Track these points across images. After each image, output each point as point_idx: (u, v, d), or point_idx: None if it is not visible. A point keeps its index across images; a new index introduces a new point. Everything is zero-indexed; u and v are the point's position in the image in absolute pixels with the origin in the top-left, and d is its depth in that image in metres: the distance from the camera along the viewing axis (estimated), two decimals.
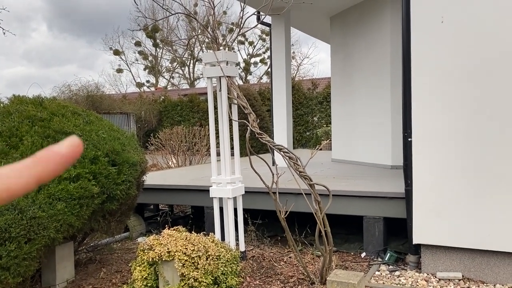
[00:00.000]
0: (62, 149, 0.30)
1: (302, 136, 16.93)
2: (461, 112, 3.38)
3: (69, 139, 0.31)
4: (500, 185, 3.28)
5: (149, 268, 3.10)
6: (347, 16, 7.15)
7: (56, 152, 0.29)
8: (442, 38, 3.42)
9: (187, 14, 4.24)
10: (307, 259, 4.03)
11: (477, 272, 3.43)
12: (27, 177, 0.28)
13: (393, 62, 6.05)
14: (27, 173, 0.28)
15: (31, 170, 0.28)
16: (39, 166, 0.29)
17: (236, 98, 3.75)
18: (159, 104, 18.63)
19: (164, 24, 30.12)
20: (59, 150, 0.30)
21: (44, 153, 0.29)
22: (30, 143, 3.09)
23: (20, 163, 0.29)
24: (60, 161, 0.29)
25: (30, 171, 0.28)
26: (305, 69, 33.39)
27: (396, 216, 4.01)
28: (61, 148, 0.30)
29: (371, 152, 6.66)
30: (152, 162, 9.70)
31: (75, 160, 0.30)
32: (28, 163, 0.29)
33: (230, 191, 3.84)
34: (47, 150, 0.30)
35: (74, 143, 0.31)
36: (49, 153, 0.29)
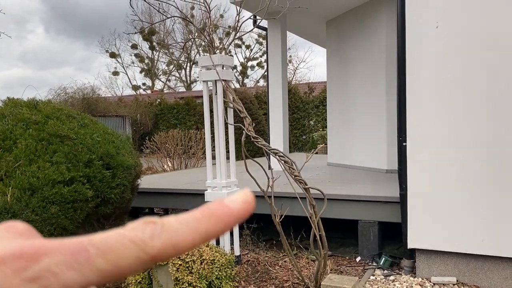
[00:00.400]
0: (236, 205, 0.27)
1: (298, 140, 16.95)
2: (455, 117, 3.39)
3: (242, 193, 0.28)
4: (494, 190, 3.29)
5: (143, 272, 3.08)
6: (343, 21, 7.18)
7: (228, 208, 0.27)
8: (437, 43, 3.44)
9: (184, 18, 4.24)
10: (302, 263, 4.02)
11: (471, 276, 3.44)
12: (195, 233, 0.26)
13: (388, 67, 6.07)
14: (195, 228, 0.26)
15: (201, 225, 0.26)
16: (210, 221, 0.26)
17: (232, 101, 3.75)
18: (155, 107, 18.61)
19: (160, 27, 30.14)
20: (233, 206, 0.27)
21: (214, 206, 0.27)
22: (24, 146, 3.08)
23: (188, 215, 0.26)
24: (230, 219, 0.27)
25: (200, 226, 0.26)
26: (302, 73, 33.53)
27: (391, 220, 4.01)
28: (235, 204, 0.27)
29: (366, 156, 6.67)
30: (148, 166, 9.68)
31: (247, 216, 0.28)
32: (197, 216, 0.26)
33: (225, 195, 3.83)
34: (218, 204, 0.27)
35: (248, 199, 0.28)
36: (222, 208, 0.27)
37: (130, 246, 0.24)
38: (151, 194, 5.23)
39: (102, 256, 0.24)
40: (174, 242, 0.25)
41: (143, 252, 0.24)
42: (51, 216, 2.91)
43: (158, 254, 0.25)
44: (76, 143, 3.32)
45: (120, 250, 0.24)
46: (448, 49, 3.41)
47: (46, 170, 2.99)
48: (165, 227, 0.25)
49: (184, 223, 0.26)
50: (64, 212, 3.00)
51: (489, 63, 3.28)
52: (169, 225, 0.25)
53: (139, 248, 0.24)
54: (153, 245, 0.25)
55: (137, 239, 0.24)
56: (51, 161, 3.08)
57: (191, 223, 0.26)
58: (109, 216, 3.63)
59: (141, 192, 4.84)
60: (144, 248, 0.24)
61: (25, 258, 0.23)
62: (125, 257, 0.24)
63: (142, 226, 0.25)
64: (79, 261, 0.23)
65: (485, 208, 3.32)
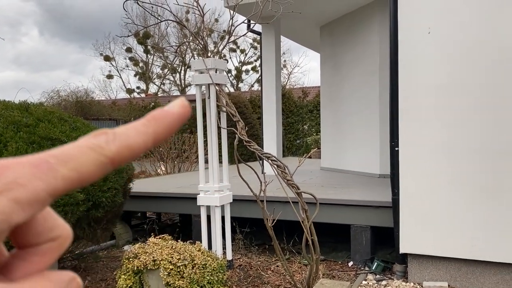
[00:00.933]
0: (175, 109, 0.31)
1: (292, 144, 16.97)
2: (448, 123, 3.41)
3: (179, 100, 0.32)
4: (485, 196, 3.30)
5: (134, 277, 3.06)
6: (336, 26, 7.22)
7: (168, 112, 0.30)
8: (428, 49, 3.46)
9: (178, 22, 4.24)
10: (294, 268, 4.01)
11: (462, 281, 3.45)
12: (144, 134, 0.28)
13: (381, 72, 6.10)
14: (144, 131, 0.29)
15: (147, 128, 0.29)
16: (154, 124, 0.29)
17: (225, 105, 3.74)
18: (149, 110, 18.53)
19: (155, 30, 30.13)
20: (171, 110, 0.30)
21: (156, 113, 0.30)
22: (15, 149, 3.05)
23: (135, 122, 0.29)
24: (173, 120, 0.30)
25: (148, 129, 0.29)
26: (296, 77, 33.60)
27: (384, 225, 4.02)
28: (173, 108, 0.31)
29: (359, 161, 6.69)
30: (141, 169, 9.63)
31: (185, 119, 0.31)
32: (143, 122, 0.29)
33: (217, 199, 3.81)
34: (159, 110, 0.30)
35: (184, 104, 0.31)
36: (162, 113, 0.30)
37: (89, 152, 0.26)
38: (144, 198, 5.20)
39: (63, 164, 0.25)
40: (128, 144, 0.27)
41: (101, 156, 0.26)
42: None
43: (116, 156, 0.27)
44: None
45: (80, 157, 0.25)
46: (440, 55, 3.43)
47: None
48: (117, 134, 0.27)
49: (133, 128, 0.28)
50: None
51: (480, 69, 3.30)
52: (120, 131, 0.28)
53: (97, 153, 0.26)
54: (110, 149, 0.26)
55: (93, 145, 0.26)
56: None
57: (139, 127, 0.28)
58: (101, 220, 3.60)
59: (133, 196, 4.81)
60: (101, 152, 0.26)
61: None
62: (86, 163, 0.25)
63: (94, 136, 0.27)
64: (42, 171, 0.24)
65: (476, 213, 3.33)
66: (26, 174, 0.24)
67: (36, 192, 0.24)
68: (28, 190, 0.24)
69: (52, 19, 48.48)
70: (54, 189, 0.24)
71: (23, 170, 0.24)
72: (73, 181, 0.25)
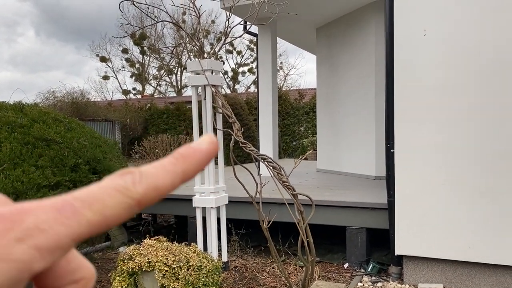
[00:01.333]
0: (203, 146, 0.29)
1: (288, 146, 16.98)
2: (443, 125, 3.42)
3: (206, 136, 0.30)
4: (480, 198, 3.31)
5: (129, 279, 3.04)
6: (332, 28, 7.23)
7: (197, 149, 0.29)
8: (424, 51, 3.47)
9: (174, 23, 4.24)
10: (290, 269, 4.01)
11: (458, 283, 3.45)
12: (172, 173, 0.27)
13: (377, 74, 6.12)
14: (172, 170, 0.27)
15: (177, 167, 0.27)
16: (184, 162, 0.28)
17: (221, 107, 3.74)
18: (145, 111, 18.51)
19: (151, 31, 30.09)
20: (199, 147, 0.29)
21: (184, 150, 0.29)
22: (9, 149, 3.03)
23: (161, 161, 0.28)
24: (201, 157, 0.29)
25: (176, 167, 0.27)
26: (292, 79, 33.64)
27: (379, 227, 4.02)
28: (201, 145, 0.29)
29: (355, 163, 6.70)
30: None
31: (214, 156, 0.30)
32: (171, 160, 0.28)
33: (213, 200, 3.80)
34: (187, 147, 0.29)
35: (213, 140, 0.30)
36: (190, 150, 0.29)
37: (114, 194, 0.25)
38: None
39: (88, 207, 0.24)
40: (155, 185, 0.26)
41: (128, 198, 0.25)
42: None
43: (142, 198, 0.25)
44: (63, 147, 3.28)
45: (105, 200, 0.24)
46: (436, 56, 3.44)
47: (31, 174, 2.94)
48: (144, 173, 0.26)
49: (161, 167, 0.27)
50: None
51: (476, 71, 3.32)
52: (147, 171, 0.27)
53: (123, 195, 0.25)
54: (137, 190, 0.25)
55: (119, 187, 0.25)
56: (36, 165, 3.04)
57: (167, 166, 0.27)
58: None
59: None
60: (128, 194, 0.25)
61: (8, 219, 0.22)
62: (111, 205, 0.24)
63: (120, 176, 0.26)
64: (66, 215, 0.23)
65: (472, 215, 3.34)
66: (48, 219, 0.23)
67: (59, 239, 0.23)
68: (50, 237, 0.22)
69: (49, 20, 48.34)
70: (78, 234, 0.23)
71: (45, 215, 0.23)
72: (98, 225, 0.24)
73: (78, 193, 0.25)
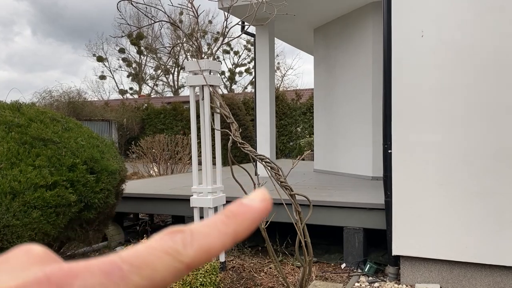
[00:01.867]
0: (255, 204, 0.28)
1: (285, 146, 16.99)
2: (440, 125, 3.44)
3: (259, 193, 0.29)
4: (477, 199, 3.33)
5: None
6: (330, 29, 7.25)
7: (249, 207, 0.27)
8: (422, 52, 3.49)
9: (171, 23, 4.23)
10: (287, 270, 4.01)
11: (455, 283, 3.47)
12: (224, 234, 0.26)
13: (374, 74, 6.14)
14: (224, 231, 0.26)
15: (228, 227, 0.26)
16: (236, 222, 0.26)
17: (219, 107, 3.74)
18: (141, 111, 18.49)
19: (148, 31, 30.03)
20: (252, 205, 0.28)
21: (236, 208, 0.27)
22: (6, 149, 3.02)
23: (212, 219, 0.26)
24: (254, 217, 0.27)
25: (228, 228, 0.26)
26: (290, 79, 33.66)
27: (376, 227, 4.03)
28: (254, 203, 0.28)
29: (352, 163, 6.71)
30: (133, 171, 9.59)
31: (267, 214, 0.28)
32: (223, 219, 0.26)
33: (211, 200, 3.80)
34: (239, 205, 0.27)
35: (266, 197, 0.28)
36: (243, 208, 0.27)
37: (164, 257, 0.24)
38: (136, 199, 5.18)
39: (137, 272, 0.23)
40: (207, 247, 0.25)
41: (178, 262, 0.24)
42: (32, 221, 2.86)
43: (193, 262, 0.24)
44: (60, 147, 3.27)
45: (154, 263, 0.23)
46: (433, 58, 3.46)
47: (28, 174, 2.93)
48: (195, 234, 0.25)
49: (212, 226, 0.26)
50: (46, 216, 2.94)
51: (472, 72, 3.33)
52: (198, 231, 0.25)
53: (173, 258, 0.24)
54: (187, 254, 0.24)
55: (170, 249, 0.24)
56: (33, 164, 3.03)
57: (218, 226, 0.26)
58: (93, 221, 3.58)
59: (126, 197, 4.78)
60: (178, 257, 0.24)
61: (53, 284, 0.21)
62: (160, 269, 0.23)
63: (170, 235, 0.25)
64: (114, 280, 0.22)
65: (468, 215, 3.35)
66: (95, 284, 0.22)
67: None
68: None
69: (46, 19, 48.18)
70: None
71: (93, 279, 0.22)
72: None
73: (126, 254, 0.24)
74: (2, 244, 2.70)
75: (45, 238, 3.03)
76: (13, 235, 2.75)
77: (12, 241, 2.74)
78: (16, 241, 2.76)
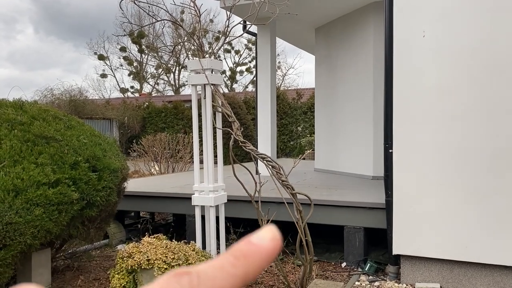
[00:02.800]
0: (265, 243, 0.26)
1: (286, 146, 17.00)
2: (441, 125, 3.45)
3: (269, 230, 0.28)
4: (477, 198, 3.34)
5: (128, 276, 3.05)
6: (331, 29, 7.25)
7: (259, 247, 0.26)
8: (423, 52, 3.50)
9: (173, 21, 4.24)
10: (288, 268, 4.02)
11: (455, 283, 3.48)
12: (233, 276, 0.24)
13: (375, 74, 6.14)
14: (232, 273, 0.25)
15: (237, 269, 0.25)
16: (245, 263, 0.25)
17: (221, 106, 3.75)
18: (143, 110, 18.51)
19: (150, 30, 30.04)
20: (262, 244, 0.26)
21: (245, 247, 0.26)
22: (9, 147, 3.04)
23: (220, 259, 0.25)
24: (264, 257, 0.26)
25: (237, 270, 0.25)
26: (291, 79, 33.66)
27: (377, 226, 4.04)
28: (263, 242, 0.26)
29: (353, 163, 6.72)
30: (134, 169, 9.60)
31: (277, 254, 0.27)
32: (231, 260, 0.25)
33: (212, 199, 3.82)
34: (248, 244, 0.26)
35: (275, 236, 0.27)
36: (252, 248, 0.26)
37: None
38: (138, 198, 5.19)
39: None
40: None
41: None
42: (35, 218, 2.87)
43: None
44: (62, 145, 3.29)
45: None
46: (435, 58, 3.46)
47: (31, 172, 2.95)
48: (202, 277, 0.24)
49: (219, 268, 0.25)
50: (48, 214, 2.96)
51: (475, 73, 3.34)
52: (205, 273, 0.24)
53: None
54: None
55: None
56: (36, 162, 3.05)
57: (227, 268, 0.25)
58: (95, 219, 3.59)
59: (128, 196, 4.80)
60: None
61: None
62: None
63: (176, 279, 0.24)
64: None
65: (469, 215, 3.37)
66: None
67: None
68: None
69: (48, 17, 48.21)
70: None
71: None
72: None
73: None
74: (5, 241, 2.72)
75: (47, 236, 3.04)
76: (16, 232, 2.77)
77: (15, 238, 2.76)
78: (19, 238, 2.78)
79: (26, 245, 2.85)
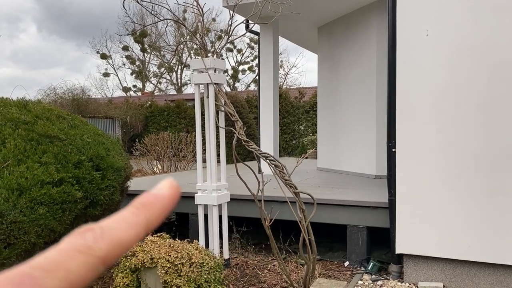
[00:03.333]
0: (164, 192, 0.28)
1: (288, 144, 17.00)
2: (445, 125, 3.44)
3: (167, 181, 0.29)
4: (480, 198, 3.33)
5: (132, 275, 3.06)
6: (334, 27, 7.24)
7: (158, 196, 0.28)
8: (426, 52, 3.49)
9: (176, 21, 4.25)
10: (290, 267, 4.03)
11: (458, 282, 3.48)
12: (135, 224, 0.26)
13: (378, 73, 6.13)
14: (135, 221, 0.26)
15: (138, 217, 0.26)
16: (145, 212, 0.27)
17: (224, 105, 3.75)
18: (145, 109, 18.53)
19: (152, 29, 30.06)
20: (161, 193, 0.28)
21: (145, 199, 0.27)
22: (13, 146, 3.05)
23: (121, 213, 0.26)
24: (163, 204, 0.28)
25: (138, 218, 0.26)
26: (293, 78, 33.63)
27: (380, 225, 4.04)
28: (162, 191, 0.28)
29: (355, 162, 6.72)
30: (137, 168, 9.62)
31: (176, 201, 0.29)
32: (132, 211, 0.27)
33: (215, 198, 3.82)
34: (147, 195, 0.28)
35: (172, 185, 0.29)
36: (151, 198, 0.28)
37: (76, 256, 0.23)
38: None
39: (50, 276, 0.22)
40: (119, 239, 0.25)
41: (91, 257, 0.24)
42: (39, 217, 2.88)
43: (107, 254, 0.24)
44: (66, 144, 3.30)
45: (67, 264, 0.23)
46: (439, 57, 3.46)
47: (34, 171, 2.96)
48: (105, 229, 0.25)
49: (121, 219, 0.26)
50: (52, 213, 2.97)
51: (478, 73, 3.33)
52: (107, 225, 0.25)
53: (86, 255, 0.23)
54: (100, 247, 0.24)
55: (81, 247, 0.24)
56: (40, 161, 3.06)
57: (129, 218, 0.26)
58: (98, 218, 3.59)
59: (131, 194, 4.80)
60: (91, 253, 0.24)
61: None
62: (75, 268, 0.23)
63: (80, 234, 0.24)
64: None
65: (472, 214, 3.36)
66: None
67: None
68: None
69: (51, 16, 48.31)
70: None
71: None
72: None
73: (36, 261, 0.23)
74: (9, 240, 2.73)
75: (51, 235, 3.06)
76: (20, 231, 2.78)
77: (19, 237, 2.77)
78: (23, 237, 2.79)
79: (30, 244, 2.86)
